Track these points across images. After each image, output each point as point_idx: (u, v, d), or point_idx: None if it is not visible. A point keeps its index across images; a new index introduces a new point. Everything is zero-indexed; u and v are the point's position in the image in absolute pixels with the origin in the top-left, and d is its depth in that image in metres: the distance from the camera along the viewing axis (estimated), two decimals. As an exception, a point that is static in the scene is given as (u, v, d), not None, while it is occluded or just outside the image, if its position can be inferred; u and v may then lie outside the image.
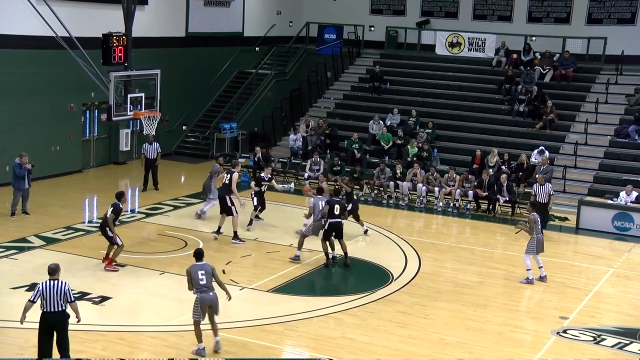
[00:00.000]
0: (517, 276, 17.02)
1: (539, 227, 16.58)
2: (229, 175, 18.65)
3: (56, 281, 11.01)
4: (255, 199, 19.66)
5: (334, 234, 16.88)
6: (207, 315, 12.20)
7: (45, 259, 11.86)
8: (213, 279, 12.26)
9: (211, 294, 12.15)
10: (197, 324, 12.14)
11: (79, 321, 11.32)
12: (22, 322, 11.20)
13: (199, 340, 12.17)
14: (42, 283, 11.03)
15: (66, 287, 10.99)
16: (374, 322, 14.01)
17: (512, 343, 13.53)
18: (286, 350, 12.99)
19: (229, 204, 18.39)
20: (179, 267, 15.82)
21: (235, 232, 18.43)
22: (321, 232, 16.88)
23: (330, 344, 12.99)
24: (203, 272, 12.16)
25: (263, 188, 19.79)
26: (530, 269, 16.59)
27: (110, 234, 15.89)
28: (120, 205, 16.08)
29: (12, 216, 19.53)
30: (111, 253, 16.09)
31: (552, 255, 18.87)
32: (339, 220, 16.92)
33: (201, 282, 12.09)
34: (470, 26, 31.46)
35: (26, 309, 11.08)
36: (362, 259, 17.95)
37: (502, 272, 17.46)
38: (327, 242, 16.90)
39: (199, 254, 12.43)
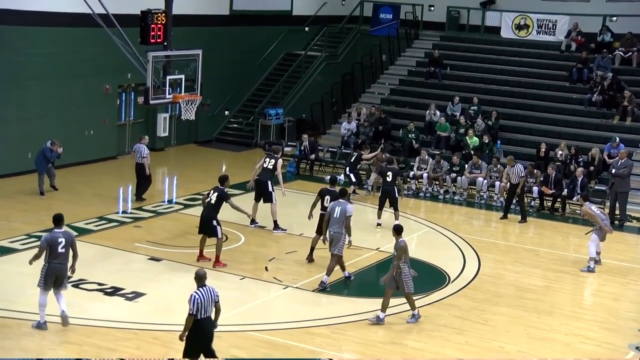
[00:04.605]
0: (589, 282, 16.74)
1: None
2: (272, 161, 18.81)
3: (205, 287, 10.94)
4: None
5: None
6: None
7: (78, 251, 12.16)
8: None
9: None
10: None
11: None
12: (181, 339, 11.14)
13: None
14: (196, 293, 10.88)
15: (215, 293, 10.99)
16: (428, 327, 13.90)
17: (582, 355, 13.26)
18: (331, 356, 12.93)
19: (270, 189, 18.63)
20: (218, 263, 15.92)
21: (275, 222, 18.69)
22: None
23: (379, 350, 12.92)
24: None
25: None
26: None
27: (215, 223, 16.04)
28: (225, 190, 16.39)
29: (41, 195, 20.16)
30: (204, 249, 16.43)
31: (631, 260, 18.53)
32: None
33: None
34: (539, 6, 30.85)
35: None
36: (416, 258, 17.78)
37: (571, 277, 17.19)
38: None
39: None
